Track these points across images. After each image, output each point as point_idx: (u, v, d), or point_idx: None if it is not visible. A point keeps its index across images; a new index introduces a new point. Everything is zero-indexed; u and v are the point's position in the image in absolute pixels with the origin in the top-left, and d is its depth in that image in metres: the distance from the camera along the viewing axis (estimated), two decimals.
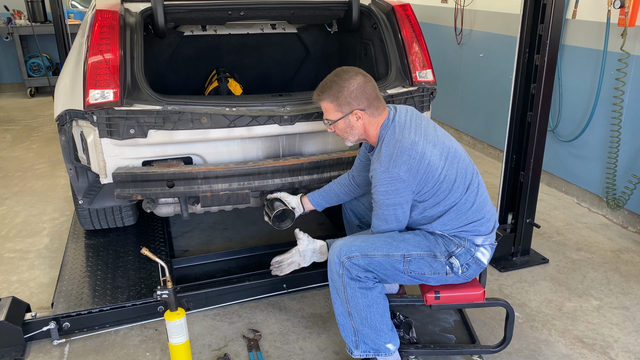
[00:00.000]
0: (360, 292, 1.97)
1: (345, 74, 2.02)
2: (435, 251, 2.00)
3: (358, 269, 1.95)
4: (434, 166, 1.93)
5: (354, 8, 2.95)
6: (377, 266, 1.96)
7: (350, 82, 1.99)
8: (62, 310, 2.41)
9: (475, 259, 2.02)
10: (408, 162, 1.90)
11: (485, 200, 2.04)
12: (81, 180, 2.63)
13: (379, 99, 2.04)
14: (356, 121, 2.03)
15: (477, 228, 2.01)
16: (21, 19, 7.23)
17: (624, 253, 3.19)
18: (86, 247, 3.03)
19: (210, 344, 2.38)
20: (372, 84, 2.03)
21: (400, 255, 1.97)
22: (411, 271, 1.99)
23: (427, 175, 1.93)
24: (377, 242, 1.99)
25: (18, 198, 3.98)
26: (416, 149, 1.91)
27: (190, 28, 3.42)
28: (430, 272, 2.00)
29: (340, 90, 1.99)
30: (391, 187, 1.92)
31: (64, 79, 2.62)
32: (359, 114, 2.01)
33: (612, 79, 3.39)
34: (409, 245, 1.99)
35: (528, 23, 2.76)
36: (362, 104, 2.00)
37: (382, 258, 1.96)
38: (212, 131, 2.39)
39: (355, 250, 1.96)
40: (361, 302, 1.98)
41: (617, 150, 3.39)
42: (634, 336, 2.44)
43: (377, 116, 2.03)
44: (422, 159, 1.91)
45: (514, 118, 2.92)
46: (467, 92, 5.13)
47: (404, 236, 2.03)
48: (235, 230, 3.45)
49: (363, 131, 2.05)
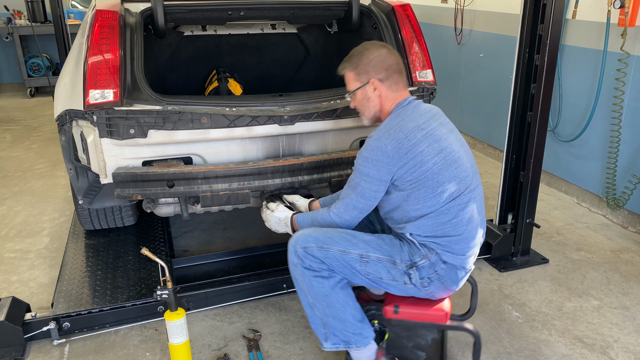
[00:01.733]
0: (316, 281, 1.91)
1: (370, 44, 2.03)
2: (395, 258, 1.90)
3: (312, 259, 1.90)
4: (425, 158, 1.85)
5: (354, 8, 2.95)
6: (332, 260, 1.90)
7: (371, 51, 1.98)
8: (62, 310, 2.41)
9: (439, 276, 1.89)
10: (401, 141, 1.84)
11: (470, 219, 1.90)
12: (81, 180, 2.63)
13: (401, 75, 2.00)
14: (373, 92, 1.99)
15: (450, 244, 1.88)
16: (21, 19, 7.23)
17: (624, 253, 3.19)
18: (86, 247, 3.03)
19: (210, 344, 2.38)
20: (395, 58, 2.00)
21: (357, 254, 1.89)
22: (368, 273, 1.91)
23: (415, 163, 1.84)
24: (336, 236, 1.92)
25: (18, 198, 3.98)
26: (416, 133, 1.86)
27: (190, 28, 3.42)
28: (389, 278, 1.91)
29: (361, 59, 1.99)
30: (372, 155, 1.86)
31: (64, 79, 2.62)
32: (376, 84, 1.97)
33: (612, 79, 3.39)
34: (368, 246, 1.91)
35: (528, 23, 2.76)
36: (380, 74, 1.96)
37: (338, 253, 1.89)
38: (212, 131, 2.39)
39: (312, 241, 1.90)
40: (319, 291, 1.92)
41: (617, 150, 3.39)
42: (634, 336, 2.44)
43: (395, 91, 1.98)
44: (417, 145, 1.84)
45: (514, 118, 2.92)
46: (467, 92, 5.13)
47: (366, 237, 1.95)
48: (235, 230, 3.45)
49: (379, 105, 2.01)
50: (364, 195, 1.91)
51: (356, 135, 2.72)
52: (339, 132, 2.67)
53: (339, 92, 2.59)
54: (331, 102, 2.52)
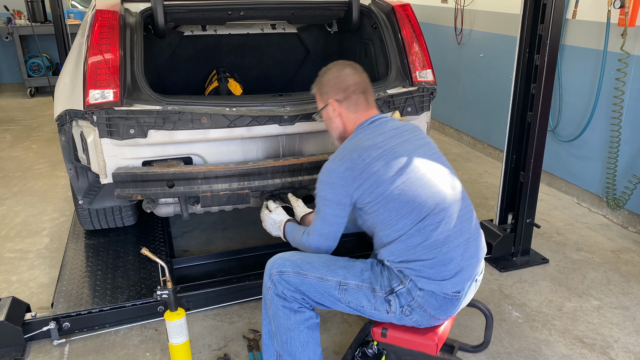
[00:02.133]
0: (282, 312, 1.81)
1: (334, 64, 2.00)
2: (375, 285, 1.76)
3: (287, 286, 1.80)
4: (382, 178, 1.73)
5: (354, 8, 2.95)
6: (309, 288, 1.79)
7: (331, 72, 1.96)
8: (62, 310, 2.41)
9: (419, 304, 1.72)
10: (354, 161, 1.76)
11: (445, 240, 1.72)
12: (81, 180, 2.63)
13: (364, 94, 1.94)
14: (333, 112, 1.96)
15: (423, 269, 1.71)
16: (21, 19, 7.23)
17: (624, 253, 3.18)
18: (86, 247, 3.03)
19: (210, 344, 2.38)
20: (357, 78, 1.95)
21: (335, 282, 1.78)
22: (349, 301, 1.79)
23: (371, 183, 1.74)
24: (316, 261, 1.82)
25: (18, 198, 3.98)
26: (371, 152, 1.77)
27: (190, 28, 3.42)
28: (370, 307, 1.77)
29: (322, 79, 1.99)
30: (327, 178, 1.81)
31: (64, 79, 2.62)
32: (335, 105, 1.94)
33: (612, 79, 3.39)
34: (348, 273, 1.79)
35: (528, 23, 2.76)
36: (338, 94, 1.93)
37: (316, 280, 1.78)
38: (212, 131, 2.39)
39: (289, 266, 1.80)
40: (283, 323, 1.81)
41: (617, 150, 3.39)
42: (634, 336, 2.44)
43: (354, 112, 1.93)
44: (372, 164, 1.75)
45: (514, 118, 2.92)
46: (467, 92, 5.13)
47: (346, 262, 1.84)
48: (235, 230, 3.45)
49: (342, 126, 1.97)
50: (325, 220, 1.84)
51: None
52: None
53: None
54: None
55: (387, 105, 2.62)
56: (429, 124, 2.86)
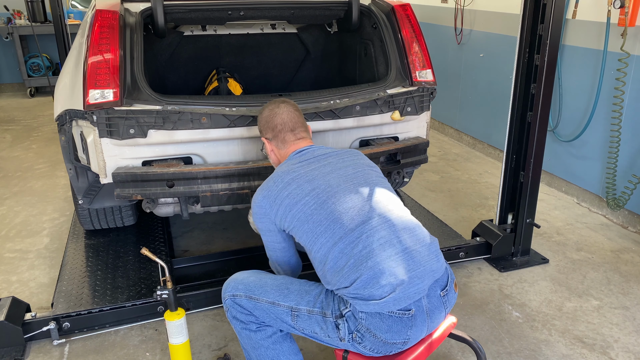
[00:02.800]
0: (244, 333, 1.80)
1: (268, 104, 2.08)
2: (326, 309, 1.66)
3: (239, 310, 1.78)
4: (294, 200, 1.73)
5: (354, 8, 2.95)
6: (262, 312, 1.74)
7: (263, 112, 2.07)
8: (62, 310, 2.41)
9: (367, 328, 1.57)
10: (269, 188, 1.82)
11: (368, 255, 1.59)
12: (81, 180, 2.63)
13: (292, 132, 1.98)
14: (268, 149, 2.07)
15: (356, 290, 1.57)
16: (21, 19, 7.23)
17: (624, 253, 3.18)
18: (86, 247, 3.03)
19: (210, 344, 2.38)
20: (285, 117, 2.00)
21: (287, 307, 1.70)
22: (303, 328, 1.70)
23: (284, 206, 1.75)
24: (270, 284, 1.77)
25: (18, 198, 3.98)
26: (284, 177, 1.81)
27: (190, 28, 3.42)
28: (323, 334, 1.67)
29: (259, 118, 2.09)
30: (253, 209, 1.89)
31: (63, 79, 2.62)
32: (267, 142, 2.06)
33: (612, 79, 3.39)
34: (300, 298, 1.70)
35: (528, 23, 2.76)
36: (268, 133, 2.03)
37: (268, 305, 1.72)
38: (212, 131, 2.39)
39: (242, 289, 1.77)
40: (247, 342, 1.82)
41: (617, 150, 3.39)
42: (634, 336, 2.44)
43: (282, 148, 2.01)
44: (285, 188, 1.77)
45: (514, 118, 2.92)
46: (467, 92, 5.13)
47: (302, 286, 1.75)
48: (235, 230, 3.45)
49: (277, 161, 2.07)
50: (267, 247, 1.95)
51: (356, 135, 2.73)
52: (339, 132, 2.67)
53: (339, 92, 2.59)
54: (331, 102, 2.52)
55: (387, 105, 2.62)
56: (428, 124, 2.86)
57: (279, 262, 1.97)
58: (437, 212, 3.66)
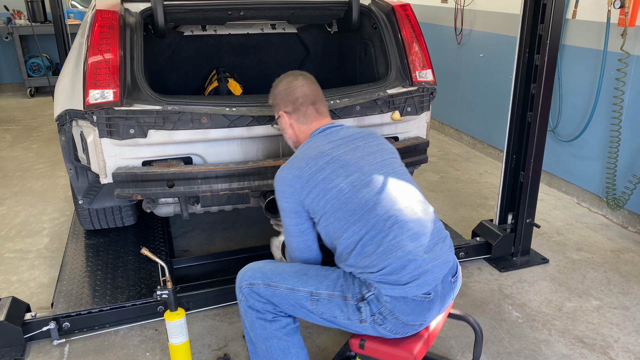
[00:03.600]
0: (258, 323, 1.79)
1: (285, 75, 2.03)
2: (347, 292, 1.70)
3: (257, 299, 1.77)
4: (329, 186, 1.72)
5: (354, 8, 2.95)
6: (280, 299, 1.75)
7: (282, 83, 2.00)
8: (62, 310, 2.41)
9: (389, 310, 1.65)
10: (302, 169, 1.76)
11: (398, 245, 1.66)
12: (81, 180, 2.63)
13: (314, 106, 1.95)
14: (285, 124, 2.01)
15: (384, 276, 1.65)
16: (21, 19, 7.23)
17: (624, 253, 3.19)
18: (86, 247, 3.03)
19: (210, 344, 2.38)
20: (307, 89, 1.96)
21: (306, 292, 1.73)
22: (322, 312, 1.73)
23: (318, 191, 1.73)
24: (287, 271, 1.78)
25: (18, 198, 3.98)
26: (318, 160, 1.76)
27: (190, 28, 3.42)
28: (343, 317, 1.71)
29: (273, 91, 2.03)
30: (279, 187, 1.81)
31: (63, 79, 2.62)
32: (285, 117, 1.99)
33: (612, 79, 3.39)
34: (319, 283, 1.73)
35: (528, 23, 2.76)
36: (287, 106, 1.97)
37: (287, 291, 1.74)
38: (212, 131, 2.39)
39: (259, 278, 1.77)
40: (260, 333, 1.80)
41: (617, 150, 3.39)
42: (634, 336, 2.44)
43: (305, 123, 1.95)
44: (319, 172, 1.74)
45: (514, 118, 2.92)
46: (467, 92, 5.13)
47: (319, 272, 1.78)
48: (235, 230, 3.45)
49: (294, 137, 2.01)
50: (288, 231, 1.84)
51: None
52: None
53: (339, 92, 2.59)
54: (331, 102, 2.51)
55: (387, 105, 2.62)
56: (428, 124, 2.86)
57: (300, 248, 1.85)
58: (437, 212, 3.63)
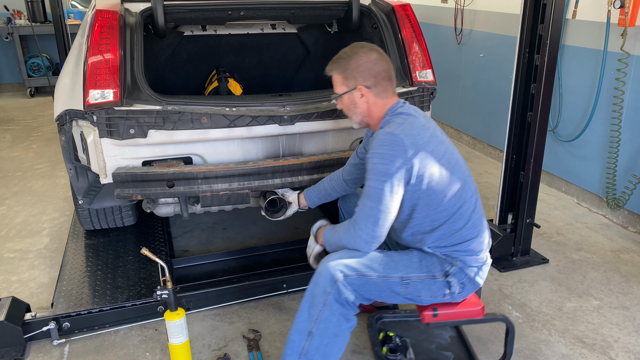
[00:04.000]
0: (337, 318, 1.82)
1: (360, 47, 1.95)
2: (434, 272, 1.88)
3: (350, 290, 1.82)
4: (433, 160, 1.81)
5: (354, 8, 2.95)
6: (372, 287, 1.84)
7: (360, 56, 1.91)
8: (62, 310, 2.41)
9: (469, 278, 1.91)
10: (414, 137, 1.79)
11: (480, 218, 1.93)
12: (81, 180, 2.63)
13: (390, 81, 1.95)
14: (360, 98, 1.93)
15: (469, 247, 1.89)
16: (21, 19, 7.22)
17: (624, 253, 3.18)
18: (86, 247, 3.03)
19: (210, 344, 2.38)
20: (386, 64, 1.94)
21: (398, 277, 1.85)
22: (408, 293, 1.88)
23: (425, 163, 1.80)
24: (374, 262, 1.85)
25: (18, 198, 3.98)
26: (423, 133, 1.83)
27: (190, 28, 3.42)
28: (428, 294, 1.89)
29: (349, 63, 1.92)
30: (389, 151, 1.76)
31: (63, 79, 2.62)
32: (364, 90, 1.92)
33: (612, 79, 3.39)
34: (407, 267, 1.87)
35: (528, 23, 2.76)
36: (368, 80, 1.90)
37: (379, 279, 1.84)
38: (212, 131, 2.39)
39: (351, 269, 1.82)
40: (332, 329, 1.82)
41: (617, 150, 3.39)
42: (634, 336, 2.44)
43: (383, 98, 1.93)
44: (427, 145, 1.81)
45: (514, 118, 2.92)
46: (467, 92, 5.13)
47: (401, 256, 1.90)
48: (235, 230, 3.45)
49: (367, 111, 1.96)
50: (381, 199, 1.77)
51: (356, 135, 2.73)
52: (339, 132, 2.67)
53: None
54: (331, 102, 2.51)
55: None
56: None
57: (384, 222, 1.80)
58: None
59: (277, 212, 2.50)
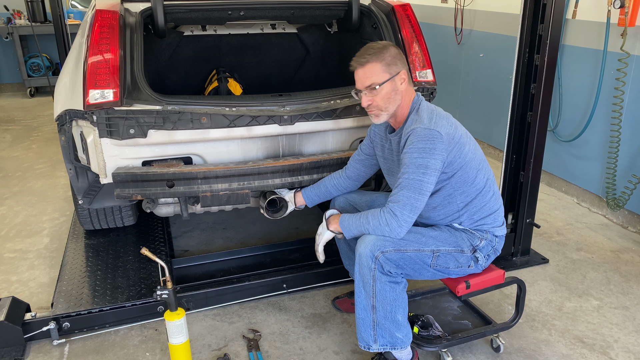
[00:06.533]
0: (389, 286, 1.99)
1: (380, 42, 2.07)
2: (462, 246, 2.06)
3: (390, 264, 1.96)
4: (463, 144, 2.00)
5: (354, 8, 2.95)
6: (408, 261, 1.99)
7: (390, 47, 2.04)
8: (62, 310, 2.41)
9: (495, 249, 2.14)
10: (447, 127, 1.96)
11: (498, 189, 2.16)
12: (81, 180, 2.63)
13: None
14: (401, 84, 2.01)
15: (496, 219, 2.11)
16: (21, 19, 7.23)
17: (624, 253, 3.18)
18: (86, 247, 3.03)
19: (210, 344, 2.38)
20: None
21: (430, 251, 2.01)
22: (437, 265, 2.05)
23: (458, 148, 1.97)
24: (407, 237, 2.00)
25: (18, 198, 3.98)
26: (451, 119, 2.02)
27: (190, 28, 3.42)
28: (455, 266, 2.07)
29: (386, 51, 1.99)
30: (429, 145, 1.90)
31: (63, 79, 2.62)
32: (404, 75, 2.02)
33: (612, 79, 3.39)
34: (437, 242, 2.04)
35: (528, 23, 2.76)
36: (406, 66, 2.05)
37: (414, 253, 1.99)
38: (212, 131, 2.39)
39: (388, 245, 1.96)
40: (389, 295, 2.00)
41: (617, 150, 3.39)
42: (634, 336, 2.44)
43: (411, 86, 2.09)
44: (456, 130, 2.00)
45: (514, 118, 2.92)
46: (467, 92, 5.13)
47: (431, 232, 2.06)
48: (235, 230, 3.45)
49: (401, 100, 2.03)
50: (420, 189, 1.92)
51: (356, 135, 2.73)
52: (339, 132, 2.67)
53: (339, 92, 2.59)
54: (331, 102, 2.52)
55: None
56: None
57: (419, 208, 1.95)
58: None
59: (277, 212, 2.50)
